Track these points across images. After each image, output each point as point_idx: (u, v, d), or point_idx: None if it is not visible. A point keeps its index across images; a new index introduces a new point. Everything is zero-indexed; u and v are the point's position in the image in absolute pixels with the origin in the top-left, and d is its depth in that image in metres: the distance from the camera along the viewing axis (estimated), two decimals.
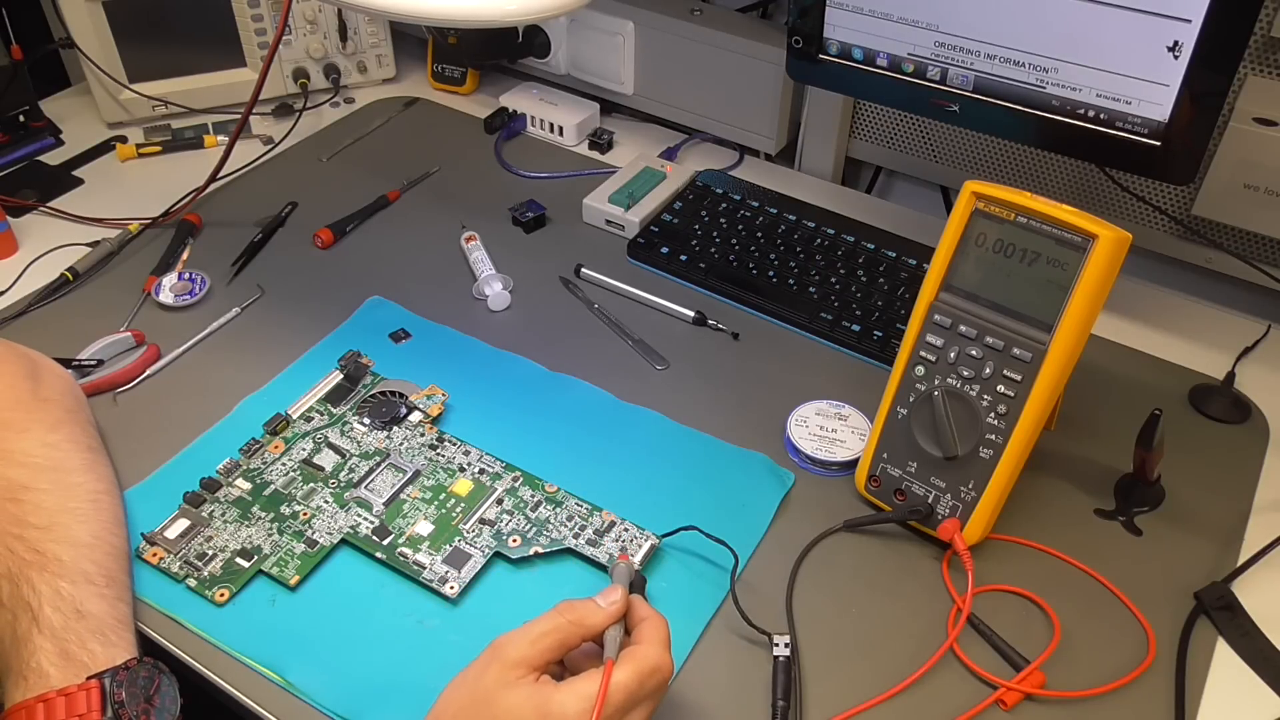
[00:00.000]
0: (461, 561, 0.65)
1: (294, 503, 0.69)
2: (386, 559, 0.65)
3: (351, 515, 0.68)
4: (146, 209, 0.95)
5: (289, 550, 0.66)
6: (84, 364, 0.78)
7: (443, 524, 0.68)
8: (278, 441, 0.73)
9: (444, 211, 0.98)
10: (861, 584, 0.66)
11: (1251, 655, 0.62)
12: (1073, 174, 0.96)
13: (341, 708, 0.58)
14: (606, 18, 1.05)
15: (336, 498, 0.69)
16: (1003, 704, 0.59)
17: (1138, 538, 0.69)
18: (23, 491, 0.61)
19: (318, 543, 0.66)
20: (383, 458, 0.72)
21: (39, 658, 0.54)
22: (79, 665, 0.54)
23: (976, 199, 0.63)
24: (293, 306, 0.86)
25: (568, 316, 0.86)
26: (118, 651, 0.56)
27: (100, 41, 1.03)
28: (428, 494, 0.69)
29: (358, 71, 1.16)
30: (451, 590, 0.63)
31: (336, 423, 0.74)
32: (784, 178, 1.04)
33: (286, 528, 0.67)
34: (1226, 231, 0.89)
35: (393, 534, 0.67)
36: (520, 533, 0.67)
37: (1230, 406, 0.77)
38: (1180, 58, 0.68)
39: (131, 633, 0.59)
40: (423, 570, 0.65)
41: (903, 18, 0.79)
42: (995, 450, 0.64)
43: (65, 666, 0.54)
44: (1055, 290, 0.61)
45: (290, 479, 0.70)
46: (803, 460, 0.73)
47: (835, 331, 0.83)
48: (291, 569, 0.65)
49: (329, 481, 0.70)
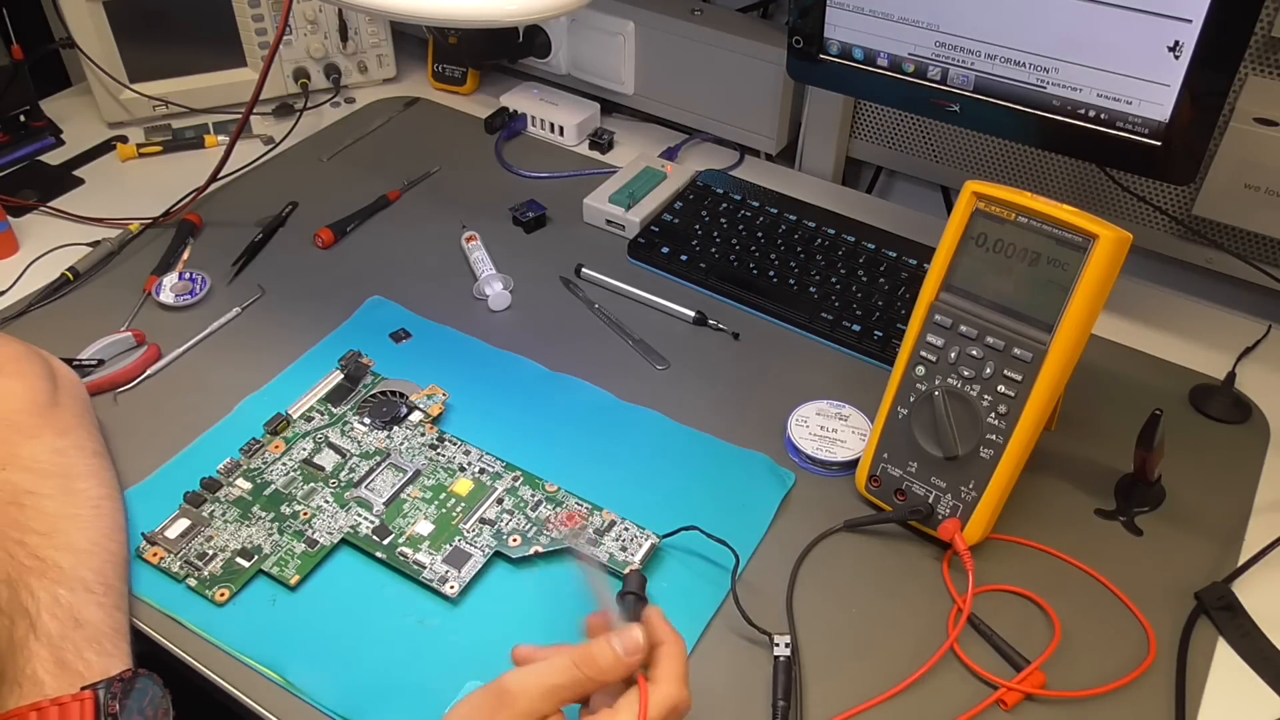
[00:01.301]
0: (461, 561, 0.65)
1: (294, 502, 0.69)
2: (387, 559, 0.65)
3: (352, 515, 0.68)
4: (147, 209, 0.95)
5: (289, 550, 0.66)
6: (84, 364, 0.78)
7: (443, 523, 0.67)
8: (278, 441, 0.73)
9: (444, 211, 0.98)
10: (862, 584, 0.66)
11: (1252, 655, 0.62)
12: (1073, 174, 0.96)
13: (341, 708, 0.58)
14: (607, 18, 1.05)
15: (337, 497, 0.69)
16: (1003, 704, 0.59)
17: (1138, 538, 0.69)
18: (27, 496, 0.61)
19: (318, 542, 0.66)
20: (383, 457, 0.72)
21: (35, 665, 0.54)
22: (74, 674, 0.54)
23: (977, 199, 0.63)
24: (293, 306, 0.86)
25: (568, 316, 0.86)
26: (113, 662, 0.56)
27: (101, 41, 1.03)
28: (428, 494, 0.69)
29: (358, 71, 1.16)
30: (451, 590, 0.63)
31: (337, 422, 0.74)
32: (784, 178, 1.04)
33: (287, 527, 0.67)
34: (1227, 231, 0.89)
35: (393, 534, 0.67)
36: (520, 532, 0.67)
37: (1230, 406, 0.77)
38: (1181, 58, 0.68)
39: (128, 642, 0.58)
40: (423, 570, 0.65)
41: (903, 18, 0.79)
42: (996, 450, 0.64)
43: (61, 675, 0.54)
44: (1056, 290, 0.61)
45: (290, 479, 0.70)
46: (803, 460, 0.73)
47: (836, 331, 0.83)
48: (292, 569, 0.65)
49: (329, 481, 0.70)
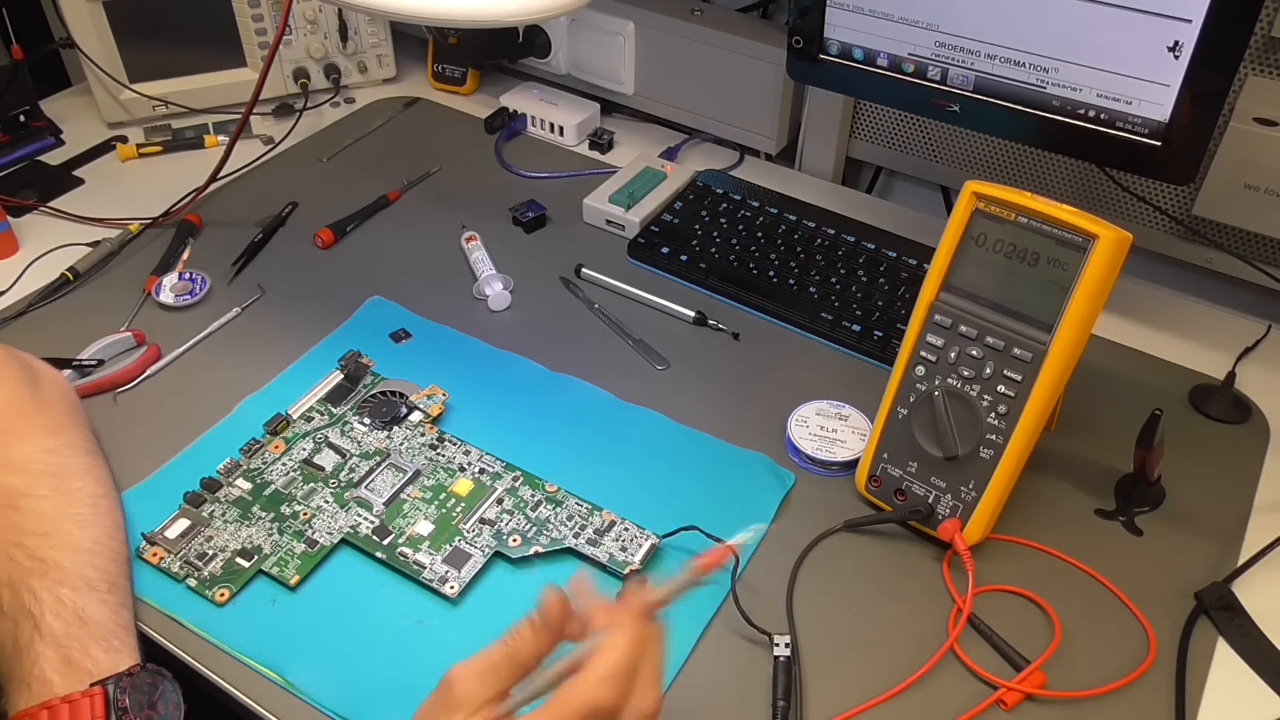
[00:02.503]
0: (461, 561, 0.65)
1: (294, 502, 0.69)
2: (387, 559, 0.65)
3: (351, 515, 0.68)
4: (147, 209, 0.95)
5: (289, 550, 0.66)
6: (84, 364, 0.78)
7: (443, 524, 0.67)
8: (278, 441, 0.73)
9: (444, 211, 0.98)
10: (862, 584, 0.66)
11: (1252, 655, 0.62)
12: (1073, 174, 0.96)
13: (341, 708, 0.58)
14: (607, 18, 1.05)
15: (336, 497, 0.69)
16: (1003, 704, 0.59)
17: (1138, 538, 0.69)
18: (22, 499, 0.61)
19: (318, 542, 0.66)
20: (383, 458, 0.72)
21: (41, 665, 0.54)
22: (82, 672, 0.54)
23: (977, 199, 0.63)
24: (293, 306, 0.86)
25: (568, 316, 0.86)
26: (120, 657, 0.56)
27: (100, 41, 1.03)
28: (428, 494, 0.69)
29: (358, 71, 1.16)
30: (451, 590, 0.63)
31: (337, 422, 0.74)
32: (784, 178, 1.04)
33: (287, 528, 0.67)
34: (1227, 231, 0.89)
35: (393, 534, 0.67)
36: (520, 532, 0.67)
37: (1230, 406, 0.77)
38: (1181, 58, 0.68)
39: (134, 638, 0.59)
40: (423, 570, 0.65)
41: (903, 18, 0.79)
42: (995, 450, 0.64)
43: (68, 673, 0.54)
44: (1056, 290, 0.61)
45: (290, 479, 0.70)
46: (803, 460, 0.73)
47: (835, 331, 0.83)
48: (292, 569, 0.65)
49: (329, 481, 0.70)
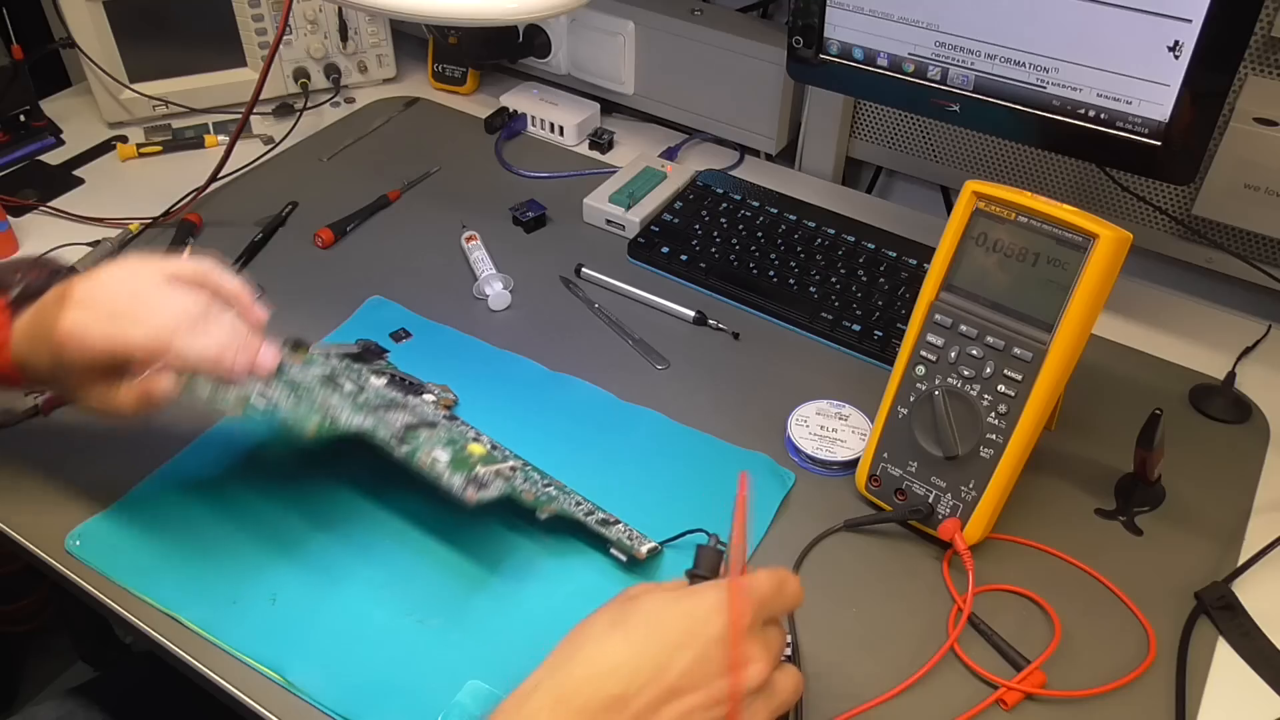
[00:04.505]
0: (480, 485, 0.61)
1: (314, 398, 0.64)
2: (405, 460, 0.62)
3: (370, 420, 0.64)
4: (147, 209, 0.95)
5: (308, 417, 0.62)
6: None
7: (459, 462, 0.63)
8: (298, 356, 0.68)
9: (444, 211, 0.98)
10: (862, 584, 0.66)
11: (1252, 655, 0.62)
12: (1073, 174, 0.96)
13: (341, 708, 0.58)
14: (607, 18, 1.05)
15: (356, 408, 0.65)
16: (1003, 704, 0.59)
17: (1138, 538, 0.69)
18: None
19: (339, 421, 0.62)
20: (400, 407, 0.67)
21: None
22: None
23: (977, 199, 0.63)
24: (293, 306, 0.86)
25: (568, 316, 0.86)
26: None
27: (101, 41, 1.03)
28: (443, 438, 0.65)
29: (358, 71, 1.16)
30: (470, 495, 0.60)
31: (353, 373, 0.70)
32: (784, 178, 1.04)
33: (309, 409, 0.63)
34: (1227, 231, 0.89)
35: (410, 445, 0.63)
36: (534, 490, 0.65)
37: (1230, 406, 0.77)
38: (1180, 58, 0.68)
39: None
40: (442, 476, 0.61)
41: (903, 17, 0.79)
42: (996, 450, 0.64)
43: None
44: (1056, 290, 0.61)
45: (309, 388, 0.65)
46: (803, 460, 0.73)
47: (836, 331, 0.83)
48: (311, 425, 0.61)
49: (347, 397, 0.66)
